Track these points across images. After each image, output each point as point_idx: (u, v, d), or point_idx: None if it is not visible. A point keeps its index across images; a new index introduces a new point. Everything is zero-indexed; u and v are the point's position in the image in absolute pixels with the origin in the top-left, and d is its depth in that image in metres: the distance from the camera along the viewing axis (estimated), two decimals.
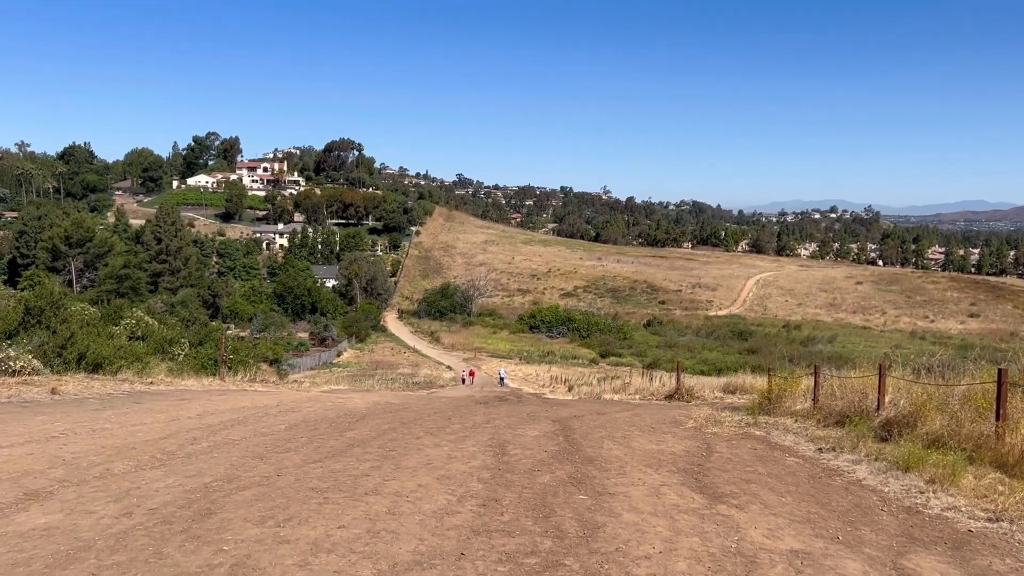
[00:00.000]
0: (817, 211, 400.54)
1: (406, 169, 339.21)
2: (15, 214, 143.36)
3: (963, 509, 7.26)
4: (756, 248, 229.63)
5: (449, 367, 69.83)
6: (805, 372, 17.34)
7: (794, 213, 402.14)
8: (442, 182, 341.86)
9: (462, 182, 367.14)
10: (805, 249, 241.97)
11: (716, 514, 6.83)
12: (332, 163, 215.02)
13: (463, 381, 52.33)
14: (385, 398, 20.98)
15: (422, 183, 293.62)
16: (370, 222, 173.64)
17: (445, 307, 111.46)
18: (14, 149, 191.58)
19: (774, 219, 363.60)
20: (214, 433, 10.62)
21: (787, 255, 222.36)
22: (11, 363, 16.26)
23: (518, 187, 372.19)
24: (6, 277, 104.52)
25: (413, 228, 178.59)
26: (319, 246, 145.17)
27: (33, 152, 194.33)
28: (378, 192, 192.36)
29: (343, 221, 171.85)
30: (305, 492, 7.15)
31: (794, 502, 7.43)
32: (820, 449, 10.45)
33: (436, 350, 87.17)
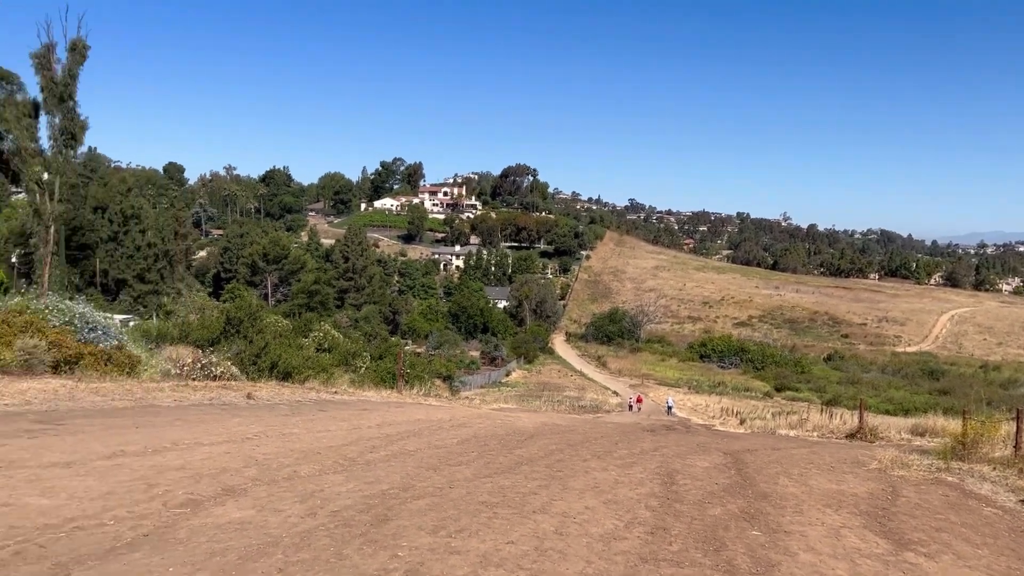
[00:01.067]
0: (1022, 243, 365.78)
1: (578, 194, 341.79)
2: (221, 232, 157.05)
3: None
4: (951, 281, 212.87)
5: (615, 392, 69.35)
6: (1005, 417, 15.85)
7: (995, 245, 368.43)
8: (614, 207, 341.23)
9: (634, 207, 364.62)
10: (1007, 284, 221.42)
11: (903, 561, 6.36)
12: (508, 188, 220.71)
13: (630, 407, 51.76)
14: (552, 419, 21.09)
15: (593, 208, 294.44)
16: (542, 245, 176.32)
17: (613, 332, 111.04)
18: (222, 172, 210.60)
19: (972, 251, 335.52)
20: (391, 443, 11.05)
21: (986, 290, 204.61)
22: (213, 368, 17.76)
23: (691, 212, 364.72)
24: (211, 289, 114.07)
25: (583, 252, 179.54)
26: (492, 268, 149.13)
27: (238, 175, 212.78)
28: (550, 216, 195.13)
29: (516, 244, 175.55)
30: (475, 505, 7.29)
31: (991, 555, 6.79)
32: (1022, 500, 9.51)
33: (602, 375, 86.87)
